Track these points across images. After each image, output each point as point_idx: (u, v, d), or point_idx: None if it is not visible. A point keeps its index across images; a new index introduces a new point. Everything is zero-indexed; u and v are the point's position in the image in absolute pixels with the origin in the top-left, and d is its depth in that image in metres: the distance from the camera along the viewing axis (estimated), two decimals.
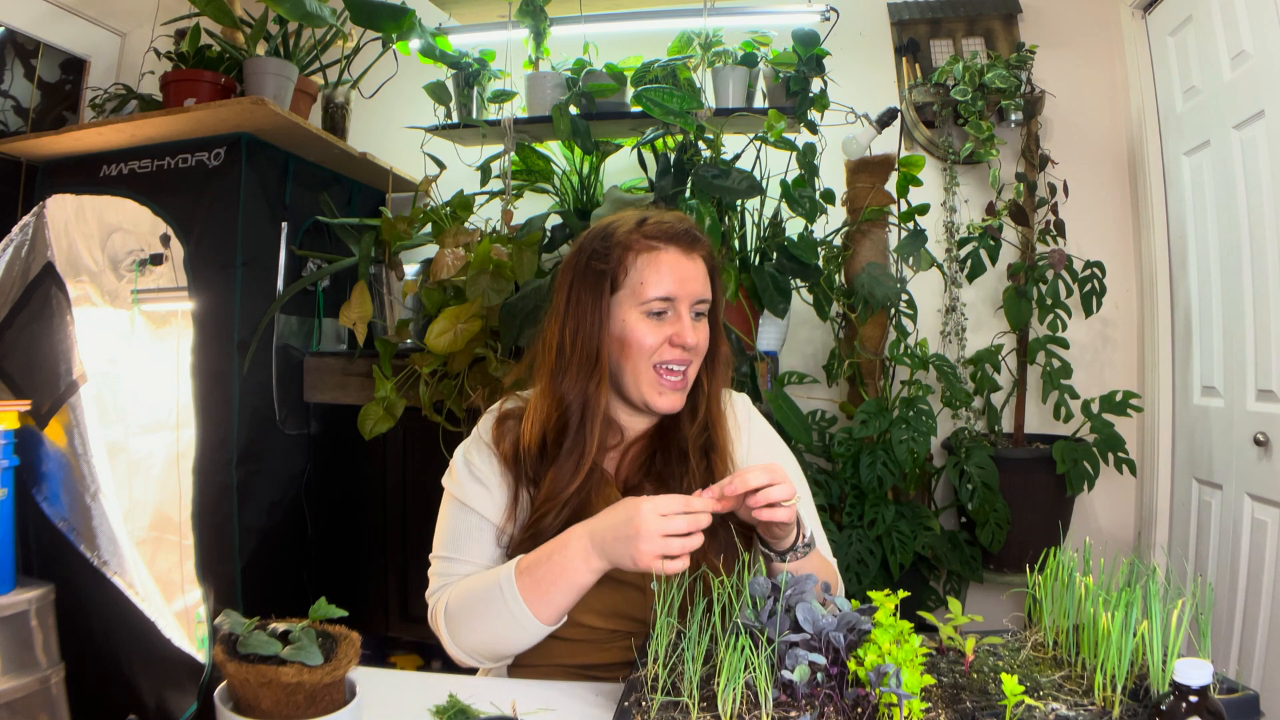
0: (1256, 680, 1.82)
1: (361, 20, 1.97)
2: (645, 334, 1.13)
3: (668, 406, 1.15)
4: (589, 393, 1.13)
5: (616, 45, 2.40)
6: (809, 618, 0.83)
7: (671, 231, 1.16)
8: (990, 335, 2.38)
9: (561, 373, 1.14)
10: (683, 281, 1.14)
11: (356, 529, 2.31)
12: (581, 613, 1.12)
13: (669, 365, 1.14)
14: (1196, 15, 2.07)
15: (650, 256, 1.14)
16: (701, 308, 1.17)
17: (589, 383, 1.13)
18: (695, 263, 1.16)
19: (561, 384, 1.14)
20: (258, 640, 0.86)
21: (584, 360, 1.13)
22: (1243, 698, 0.80)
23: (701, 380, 1.20)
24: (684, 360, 1.15)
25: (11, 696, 1.79)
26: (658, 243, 1.15)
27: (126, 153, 2.07)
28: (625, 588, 1.12)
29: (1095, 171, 2.43)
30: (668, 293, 1.13)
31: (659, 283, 1.13)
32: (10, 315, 2.08)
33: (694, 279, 1.15)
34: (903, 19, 2.52)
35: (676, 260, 1.14)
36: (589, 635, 1.13)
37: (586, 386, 1.13)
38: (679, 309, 1.14)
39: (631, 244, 1.15)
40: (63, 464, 2.05)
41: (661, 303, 1.13)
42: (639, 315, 1.14)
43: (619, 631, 1.13)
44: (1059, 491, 2.16)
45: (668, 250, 1.14)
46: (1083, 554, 0.95)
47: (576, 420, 1.13)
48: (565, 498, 1.11)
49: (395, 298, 2.20)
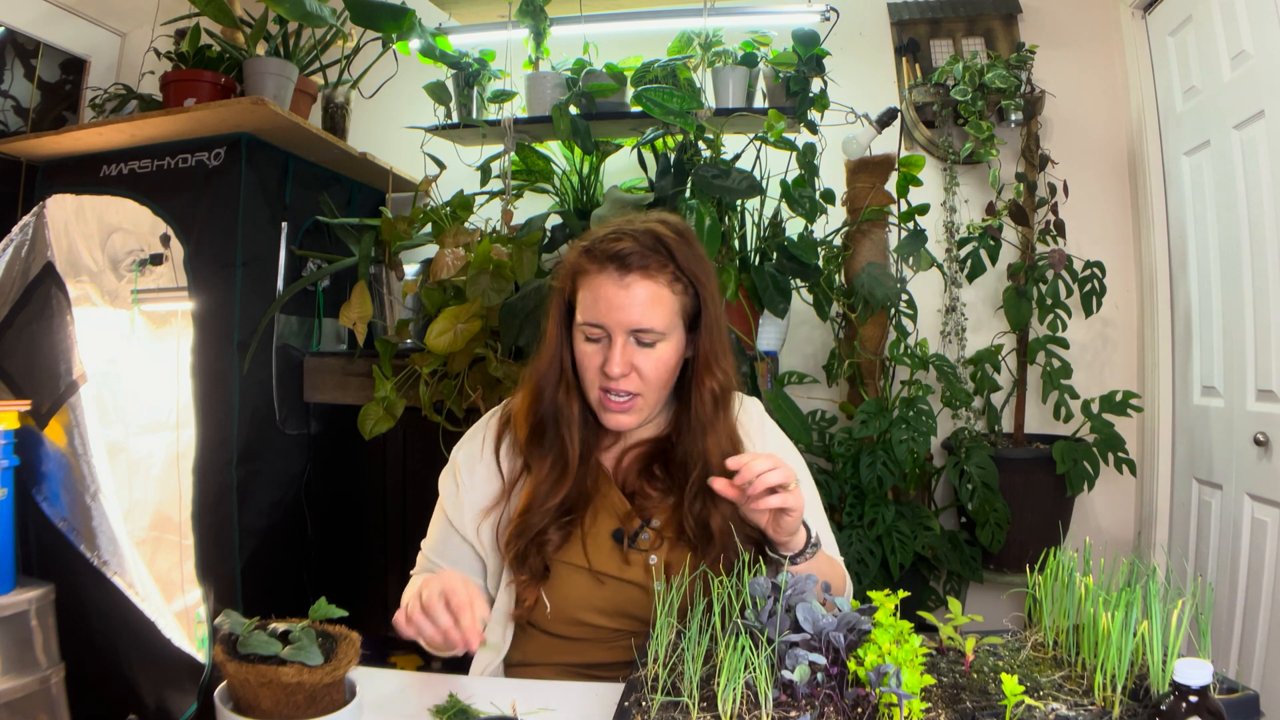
0: (1256, 680, 1.82)
1: (361, 20, 1.97)
2: (584, 356, 1.12)
3: (614, 426, 1.14)
4: (558, 401, 1.15)
5: (616, 45, 2.40)
6: (809, 618, 0.83)
7: (607, 254, 1.10)
8: (990, 335, 2.38)
9: (538, 373, 1.17)
10: (610, 310, 1.09)
11: (356, 529, 2.31)
12: (585, 611, 1.13)
13: (607, 391, 1.11)
14: (1196, 15, 2.07)
15: (586, 280, 1.11)
16: (646, 337, 1.10)
17: (557, 391, 1.15)
18: (630, 290, 1.08)
19: (538, 382, 1.17)
20: (258, 640, 0.86)
21: (551, 370, 1.16)
22: (1243, 698, 0.80)
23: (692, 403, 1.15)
24: (619, 389, 1.10)
25: (11, 696, 1.79)
26: (592, 265, 1.11)
27: (126, 153, 2.07)
28: (629, 586, 1.13)
29: (1095, 171, 2.43)
30: (596, 320, 1.10)
31: (590, 309, 1.10)
32: (10, 315, 2.08)
33: (625, 307, 1.08)
34: (903, 19, 2.52)
35: (604, 286, 1.09)
36: (592, 634, 1.14)
37: (556, 394, 1.15)
38: (613, 336, 1.09)
39: (575, 264, 1.14)
40: (63, 464, 2.05)
41: (593, 329, 1.11)
42: (581, 337, 1.13)
43: (622, 630, 1.14)
44: (1059, 491, 2.16)
45: (599, 275, 1.10)
46: (1083, 554, 0.95)
47: (552, 425, 1.16)
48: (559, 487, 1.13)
49: (395, 298, 2.20)
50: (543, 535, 1.12)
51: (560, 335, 1.16)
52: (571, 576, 1.13)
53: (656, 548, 1.14)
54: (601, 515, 1.16)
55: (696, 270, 1.12)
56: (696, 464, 1.13)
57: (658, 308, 1.09)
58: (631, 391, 1.11)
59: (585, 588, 1.13)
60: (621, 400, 1.12)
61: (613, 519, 1.16)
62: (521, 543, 1.12)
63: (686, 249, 1.13)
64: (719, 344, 1.15)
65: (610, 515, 1.16)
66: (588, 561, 1.14)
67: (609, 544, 1.15)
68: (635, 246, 1.09)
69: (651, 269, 1.09)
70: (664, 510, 1.16)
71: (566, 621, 1.14)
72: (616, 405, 1.12)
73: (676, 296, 1.11)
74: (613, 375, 1.09)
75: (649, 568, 1.13)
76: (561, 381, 1.15)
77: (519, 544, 1.12)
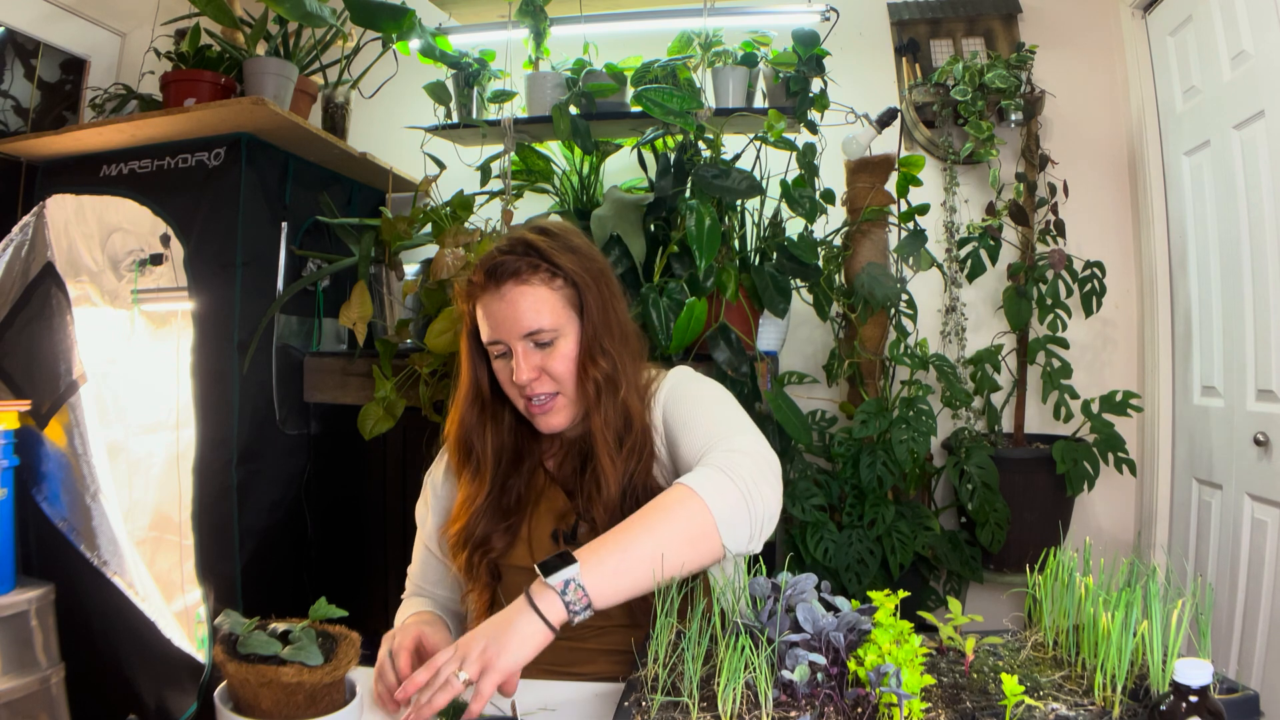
0: (1256, 680, 1.82)
1: (361, 20, 1.97)
2: (500, 374, 1.17)
3: (548, 429, 1.17)
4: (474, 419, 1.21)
5: (616, 45, 2.40)
6: (809, 618, 0.83)
7: (484, 271, 1.14)
8: (990, 335, 2.38)
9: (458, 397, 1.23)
10: (499, 324, 1.13)
11: (356, 529, 2.31)
12: None
13: (529, 399, 1.15)
14: (1196, 15, 2.07)
15: (477, 302, 1.16)
16: (541, 337, 1.13)
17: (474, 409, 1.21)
18: (509, 301, 1.12)
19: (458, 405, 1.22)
20: (258, 640, 0.86)
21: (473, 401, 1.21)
22: (1243, 698, 0.80)
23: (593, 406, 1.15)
24: (535, 393, 1.14)
25: (11, 696, 1.79)
26: (475, 287, 1.16)
27: (126, 153, 2.07)
28: None
29: (1095, 171, 2.43)
30: (493, 336, 1.14)
31: (485, 329, 1.15)
32: (10, 315, 2.08)
33: (510, 318, 1.12)
34: (903, 19, 2.52)
35: (489, 304, 1.14)
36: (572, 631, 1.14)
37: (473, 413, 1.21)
38: (513, 347, 1.13)
39: (468, 291, 1.18)
40: (63, 464, 2.05)
41: (495, 346, 1.15)
42: (494, 359, 1.17)
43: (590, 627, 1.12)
44: (1059, 491, 2.16)
45: (483, 294, 1.15)
46: (1083, 554, 0.95)
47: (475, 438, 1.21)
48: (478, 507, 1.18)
49: (395, 298, 2.20)
50: (486, 543, 1.17)
51: (472, 357, 1.20)
52: (519, 579, 1.15)
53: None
54: (544, 517, 1.20)
55: (571, 264, 1.15)
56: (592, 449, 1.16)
57: (541, 308, 1.13)
58: (549, 392, 1.15)
59: None
60: (543, 403, 1.15)
61: (553, 518, 1.20)
62: (465, 551, 1.17)
63: (558, 245, 1.16)
64: (604, 333, 1.16)
65: (551, 516, 1.20)
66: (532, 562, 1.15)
67: (549, 544, 1.18)
68: (505, 257, 1.13)
69: (523, 273, 1.13)
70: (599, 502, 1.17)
71: None
72: (540, 409, 1.15)
73: (558, 292, 1.14)
74: (521, 383, 1.12)
75: None
76: (478, 400, 1.20)
77: (462, 553, 1.17)
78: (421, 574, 1.31)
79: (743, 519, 0.98)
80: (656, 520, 0.97)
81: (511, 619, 0.92)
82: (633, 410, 1.16)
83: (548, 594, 0.92)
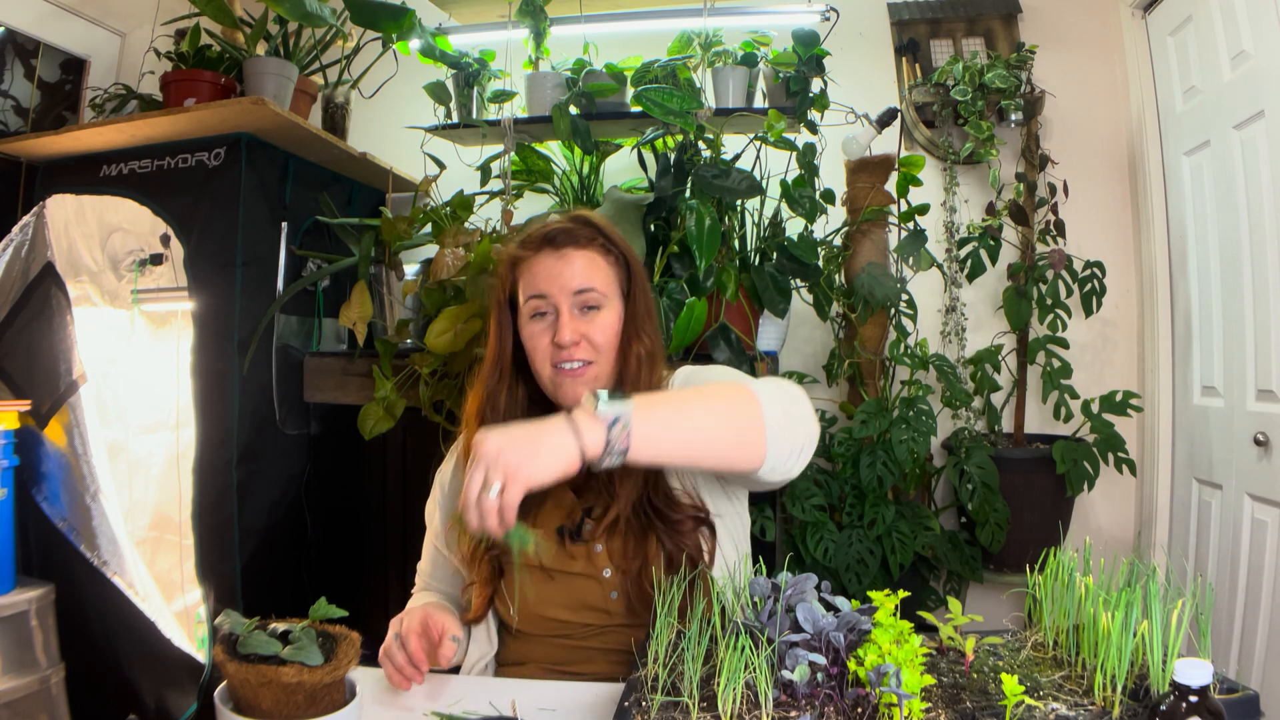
0: (1256, 680, 1.82)
1: (361, 20, 1.97)
2: (533, 336, 1.15)
3: (570, 397, 1.13)
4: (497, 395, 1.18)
5: (616, 45, 2.40)
6: (809, 618, 0.83)
7: (540, 236, 1.17)
8: (990, 335, 2.38)
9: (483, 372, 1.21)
10: (552, 277, 1.14)
11: (356, 528, 2.31)
12: (546, 607, 1.15)
13: (561, 364, 1.14)
14: (1196, 15, 2.07)
15: (524, 266, 1.17)
16: (589, 299, 1.15)
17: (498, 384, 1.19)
18: (567, 259, 1.15)
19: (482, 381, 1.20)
20: (258, 640, 0.86)
21: (494, 368, 1.19)
22: (1243, 698, 0.80)
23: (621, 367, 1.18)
24: (572, 358, 1.13)
25: (11, 696, 1.79)
26: (530, 249, 1.17)
27: (126, 153, 2.07)
28: (578, 579, 1.15)
29: (1095, 171, 2.43)
30: (539, 290, 1.14)
31: (532, 283, 1.16)
32: (10, 315, 2.08)
33: (565, 274, 1.14)
34: (903, 19, 2.52)
35: (544, 261, 1.15)
36: (559, 630, 1.16)
37: (495, 389, 1.19)
38: (557, 306, 1.14)
39: (512, 259, 1.19)
40: (63, 464, 2.05)
41: (538, 301, 1.15)
42: (527, 320, 1.16)
43: (591, 625, 1.15)
44: (1059, 491, 2.16)
45: (537, 256, 1.16)
46: (1083, 554, 0.95)
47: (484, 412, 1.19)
48: None
49: (395, 298, 2.20)
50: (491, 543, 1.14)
51: (501, 327, 1.19)
52: (524, 575, 1.16)
53: (598, 537, 1.16)
54: (550, 512, 1.18)
55: (622, 245, 1.20)
56: None
57: (595, 271, 1.16)
58: (585, 359, 1.14)
59: (538, 585, 1.16)
60: (576, 368, 1.13)
61: (560, 514, 1.18)
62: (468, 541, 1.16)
63: (611, 229, 1.21)
64: (645, 312, 1.19)
65: (558, 510, 1.18)
66: (538, 558, 1.16)
67: (554, 539, 1.17)
68: (565, 225, 1.17)
69: (582, 241, 1.16)
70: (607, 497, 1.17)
71: (533, 619, 1.16)
72: (572, 373, 1.13)
73: (610, 266, 1.18)
74: (564, 343, 1.11)
75: (593, 556, 1.15)
76: (497, 368, 1.19)
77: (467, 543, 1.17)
78: (431, 572, 1.32)
79: (788, 435, 0.99)
80: (715, 402, 0.98)
81: (544, 429, 0.88)
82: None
83: (593, 422, 0.87)
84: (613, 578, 1.14)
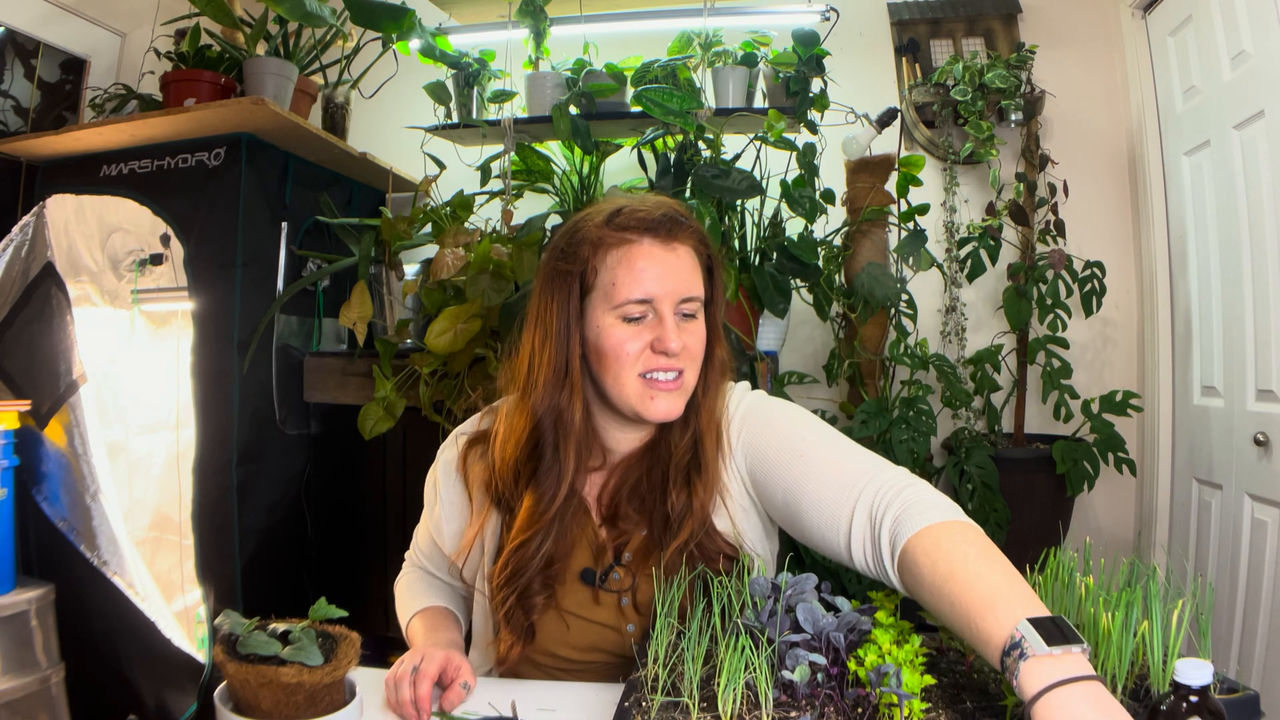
0: (1256, 680, 1.82)
1: (361, 20, 1.97)
2: (622, 341, 0.99)
3: (662, 414, 1.01)
4: (561, 407, 1.02)
5: (616, 45, 2.40)
6: (809, 618, 0.83)
7: (647, 220, 1.00)
8: (990, 335, 2.38)
9: (533, 387, 1.03)
10: (661, 279, 0.99)
11: (356, 529, 2.31)
12: (556, 646, 1.09)
13: (654, 374, 1.00)
14: (1196, 15, 2.07)
15: (622, 252, 1.00)
16: (689, 307, 1.01)
17: (560, 395, 1.02)
18: (677, 254, 1.01)
19: (532, 399, 1.03)
20: (258, 640, 0.86)
21: (554, 372, 1.02)
22: (1243, 698, 0.80)
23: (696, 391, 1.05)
24: (672, 367, 1.00)
25: (11, 696, 1.79)
26: (630, 235, 1.00)
27: (126, 153, 2.07)
28: (598, 627, 1.09)
29: (1095, 171, 2.43)
30: (645, 294, 0.99)
31: (633, 282, 0.99)
32: (10, 315, 2.08)
33: (675, 275, 1.00)
34: (903, 19, 2.52)
35: (652, 254, 1.00)
36: (565, 665, 1.11)
37: (558, 400, 1.02)
38: (660, 310, 0.99)
39: (601, 239, 1.01)
40: (63, 464, 2.05)
41: (639, 305, 0.99)
42: (614, 320, 1.00)
43: (596, 663, 1.11)
44: (1059, 491, 2.16)
45: (641, 243, 1.00)
46: (1083, 554, 0.95)
47: (550, 438, 1.03)
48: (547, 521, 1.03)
49: (395, 298, 2.20)
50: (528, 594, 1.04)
51: (568, 329, 1.02)
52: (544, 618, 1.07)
53: (627, 589, 1.06)
54: (576, 551, 1.07)
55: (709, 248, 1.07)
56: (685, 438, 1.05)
57: (697, 275, 1.03)
58: (680, 368, 1.01)
59: (552, 626, 1.07)
60: (672, 380, 1.00)
61: (586, 554, 1.08)
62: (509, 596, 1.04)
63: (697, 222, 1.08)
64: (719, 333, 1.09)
65: (584, 550, 1.08)
66: (556, 601, 1.07)
67: (577, 584, 1.07)
68: (673, 213, 1.02)
69: (683, 236, 1.02)
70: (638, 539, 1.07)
71: (541, 653, 1.10)
72: (668, 385, 1.00)
73: (701, 268, 1.05)
74: (673, 351, 0.98)
75: (620, 609, 1.07)
76: (566, 384, 1.02)
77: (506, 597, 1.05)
78: (427, 554, 1.23)
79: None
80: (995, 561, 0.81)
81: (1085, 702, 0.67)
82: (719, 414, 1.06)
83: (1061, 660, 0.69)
84: (636, 631, 1.07)
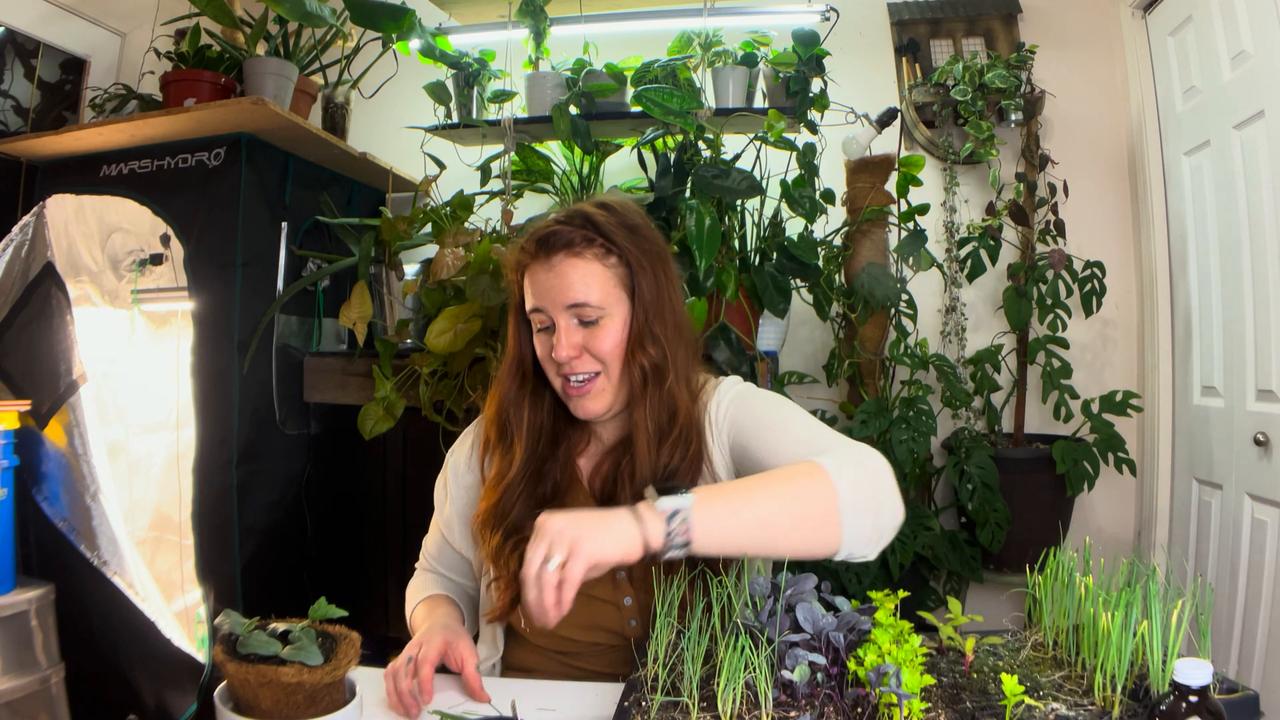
0: (1256, 680, 1.82)
1: (361, 20, 1.97)
2: (541, 349, 1.12)
3: (584, 414, 1.11)
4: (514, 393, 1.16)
5: (616, 45, 2.40)
6: (809, 618, 0.84)
7: (535, 238, 1.11)
8: (990, 335, 2.38)
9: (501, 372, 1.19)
10: (544, 291, 1.09)
11: (356, 529, 2.31)
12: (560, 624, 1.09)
13: (569, 378, 1.09)
14: (1196, 15, 2.07)
15: (527, 271, 1.12)
16: (586, 313, 1.07)
17: (514, 384, 1.16)
18: (554, 270, 1.08)
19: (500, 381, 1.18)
20: (258, 640, 0.86)
21: (514, 371, 1.16)
22: (1243, 698, 0.80)
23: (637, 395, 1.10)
24: (574, 372, 1.09)
25: (11, 696, 1.80)
26: (525, 255, 1.12)
27: (126, 153, 2.07)
28: (596, 602, 1.11)
29: (1095, 171, 2.43)
30: (536, 304, 1.10)
31: (530, 297, 1.11)
32: (10, 315, 2.08)
33: (556, 287, 1.08)
34: (903, 19, 2.52)
35: (537, 272, 1.10)
36: (569, 646, 1.13)
37: (512, 387, 1.16)
38: (555, 319, 1.09)
39: (518, 260, 1.14)
40: (63, 464, 2.05)
41: (537, 316, 1.11)
42: (536, 331, 1.13)
43: (599, 644, 1.13)
44: (1059, 491, 2.16)
45: (533, 263, 1.11)
46: (1083, 554, 0.95)
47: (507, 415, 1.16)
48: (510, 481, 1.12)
49: (395, 298, 2.20)
50: (520, 529, 1.09)
51: (518, 330, 1.16)
52: None
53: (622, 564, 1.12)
54: None
55: (628, 243, 1.10)
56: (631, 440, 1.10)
57: (590, 283, 1.08)
58: (589, 373, 1.09)
59: None
60: (581, 384, 1.09)
61: None
62: (496, 535, 1.11)
63: (616, 222, 1.11)
64: (655, 318, 1.10)
65: None
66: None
67: None
68: (561, 228, 1.09)
69: (577, 245, 1.08)
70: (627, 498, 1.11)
71: (544, 634, 1.12)
72: (577, 390, 1.10)
73: (610, 270, 1.09)
74: (560, 359, 1.07)
75: (616, 583, 1.12)
76: (519, 373, 1.16)
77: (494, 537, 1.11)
78: (436, 555, 1.27)
79: (869, 519, 0.92)
80: (782, 488, 0.92)
81: (609, 516, 0.87)
82: (680, 402, 1.10)
83: (653, 515, 0.86)
84: (633, 606, 1.11)
